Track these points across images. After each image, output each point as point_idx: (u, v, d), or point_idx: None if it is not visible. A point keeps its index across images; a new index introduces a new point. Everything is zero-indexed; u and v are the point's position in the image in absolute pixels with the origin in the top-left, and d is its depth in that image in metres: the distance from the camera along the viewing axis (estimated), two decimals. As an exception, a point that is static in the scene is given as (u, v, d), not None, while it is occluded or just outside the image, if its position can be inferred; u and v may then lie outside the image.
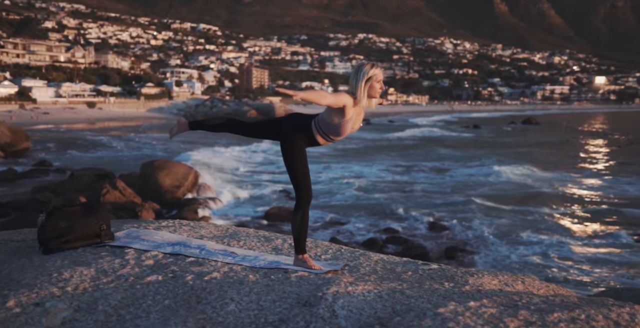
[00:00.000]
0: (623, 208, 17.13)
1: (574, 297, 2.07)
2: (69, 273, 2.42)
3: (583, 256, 12.47)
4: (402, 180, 22.76)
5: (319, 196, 19.01)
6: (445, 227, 14.79)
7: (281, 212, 16.16)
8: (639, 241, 13.50)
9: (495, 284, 2.43)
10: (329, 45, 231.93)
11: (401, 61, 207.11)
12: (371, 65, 2.68)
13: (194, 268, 2.58)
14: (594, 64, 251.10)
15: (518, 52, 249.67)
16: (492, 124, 74.72)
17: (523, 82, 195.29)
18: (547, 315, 1.76)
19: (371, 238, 13.73)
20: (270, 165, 27.34)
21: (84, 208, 2.94)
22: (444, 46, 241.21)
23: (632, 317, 1.79)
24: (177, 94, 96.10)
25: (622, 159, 31.75)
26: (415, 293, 2.13)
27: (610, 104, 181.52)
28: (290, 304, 2.12)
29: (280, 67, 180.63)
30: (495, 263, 11.93)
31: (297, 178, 2.74)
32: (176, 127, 3.01)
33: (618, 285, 10.66)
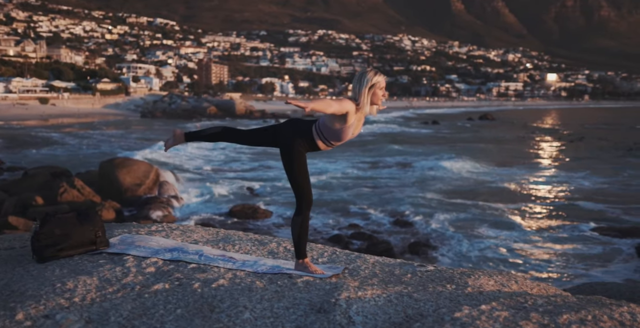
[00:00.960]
0: (579, 202, 17.74)
1: (572, 296, 2.17)
2: (72, 283, 2.38)
3: (540, 249, 12.86)
4: (365, 176, 22.97)
5: (280, 192, 19.03)
6: (408, 223, 15.01)
7: (245, 209, 16.10)
8: (600, 234, 14.03)
9: (492, 285, 2.51)
10: (288, 41, 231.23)
11: (361, 57, 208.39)
12: (374, 72, 2.70)
13: (198, 275, 2.56)
14: (545, 62, 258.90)
15: (474, 50, 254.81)
16: (450, 120, 76.13)
17: (479, 78, 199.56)
18: (557, 317, 1.83)
19: (336, 235, 13.84)
20: (233, 162, 27.14)
21: (78, 215, 2.88)
22: (403, 43, 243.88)
23: (633, 316, 1.90)
24: (135, 89, 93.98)
25: (575, 154, 32.90)
26: (422, 296, 2.17)
27: (562, 101, 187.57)
28: (304, 311, 2.13)
29: (239, 62, 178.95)
30: (458, 258, 12.20)
31: (299, 183, 2.73)
32: (172, 138, 2.96)
33: (575, 277, 11.09)
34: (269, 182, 20.79)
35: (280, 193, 19.01)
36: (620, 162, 28.34)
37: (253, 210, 16.15)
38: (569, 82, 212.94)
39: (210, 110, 72.67)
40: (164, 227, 3.54)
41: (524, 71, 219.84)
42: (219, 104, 76.48)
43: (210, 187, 19.87)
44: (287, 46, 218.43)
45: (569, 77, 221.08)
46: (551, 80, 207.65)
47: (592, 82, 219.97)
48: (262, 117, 72.83)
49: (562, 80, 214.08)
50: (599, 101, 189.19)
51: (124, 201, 16.46)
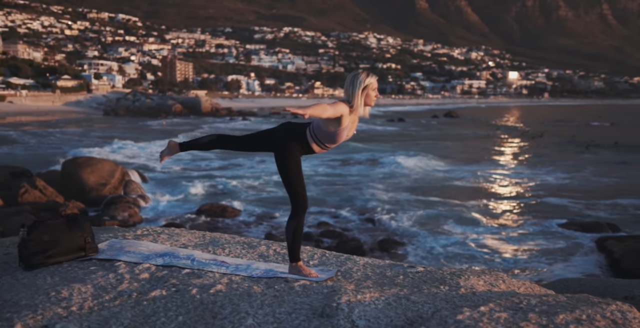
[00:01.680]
0: (543, 198, 18.17)
1: (562, 296, 2.24)
2: (67, 291, 2.33)
3: (505, 245, 13.10)
4: (334, 173, 23.06)
5: (249, 190, 18.94)
6: (376, 220, 15.13)
7: (214, 208, 15.96)
8: (562, 229, 14.42)
9: (482, 285, 2.55)
10: (254, 38, 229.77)
11: (327, 55, 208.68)
12: (366, 73, 2.71)
13: (194, 280, 2.54)
14: (507, 60, 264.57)
15: (438, 48, 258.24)
16: (415, 117, 77.01)
17: (443, 76, 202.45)
18: (554, 317, 1.89)
19: (306, 233, 13.85)
20: (202, 161, 26.81)
21: (67, 221, 2.82)
22: (368, 41, 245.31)
23: (623, 314, 1.98)
24: (97, 87, 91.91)
25: (537, 150, 33.72)
26: (419, 298, 2.21)
27: (523, 98, 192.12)
28: (307, 316, 2.13)
29: (204, 59, 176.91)
30: (426, 255, 12.35)
31: (294, 187, 2.74)
32: (167, 149, 2.97)
33: (539, 272, 11.39)
34: (238, 181, 20.65)
35: (249, 191, 18.93)
36: (581, 159, 29.19)
37: (222, 209, 16.02)
38: (529, 80, 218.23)
39: (175, 108, 71.63)
40: (149, 231, 3.50)
41: (486, 69, 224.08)
42: (185, 102, 75.45)
43: (177, 186, 19.62)
44: (253, 43, 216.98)
45: (530, 76, 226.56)
46: (513, 79, 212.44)
47: (552, 80, 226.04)
48: (229, 114, 72.22)
49: (523, 78, 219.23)
50: (558, 99, 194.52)
51: (89, 201, 16.10)
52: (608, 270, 11.45)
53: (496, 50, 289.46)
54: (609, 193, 19.02)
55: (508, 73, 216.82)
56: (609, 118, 78.03)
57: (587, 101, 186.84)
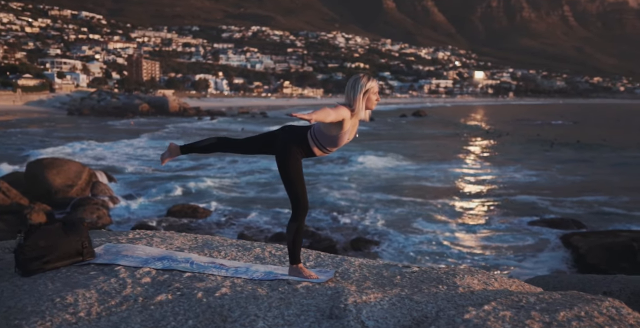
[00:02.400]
0: (511, 195, 18.55)
1: (556, 293, 2.29)
2: (71, 297, 2.31)
3: (475, 242, 13.35)
4: (304, 172, 23.05)
5: (220, 190, 18.79)
6: (347, 219, 15.22)
7: (185, 209, 15.79)
8: (530, 225, 14.74)
9: (477, 284, 2.60)
10: (222, 37, 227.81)
11: (295, 54, 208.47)
12: (367, 77, 2.74)
13: (197, 284, 2.53)
14: (473, 60, 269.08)
15: (406, 47, 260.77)
16: (384, 116, 77.59)
17: (411, 76, 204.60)
18: (555, 314, 1.94)
19: (279, 233, 13.84)
20: (172, 161, 26.41)
21: (64, 226, 2.79)
22: (337, 40, 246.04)
23: (617, 310, 2.04)
24: (60, 86, 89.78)
25: (504, 149, 34.38)
26: (421, 298, 2.23)
27: (489, 97, 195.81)
28: (315, 317, 2.14)
29: (171, 58, 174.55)
30: (398, 253, 12.48)
31: (295, 191, 2.75)
32: (167, 152, 2.96)
33: (509, 268, 11.62)
34: (209, 181, 20.49)
35: (220, 191, 18.79)
36: (546, 157, 29.90)
37: (193, 209, 15.86)
38: (494, 80, 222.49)
39: (142, 108, 70.49)
40: (141, 234, 3.47)
41: (453, 69, 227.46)
42: (152, 101, 74.32)
43: (147, 187, 19.34)
44: (221, 42, 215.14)
45: (495, 75, 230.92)
46: (479, 78, 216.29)
47: (516, 80, 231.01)
48: (197, 114, 71.47)
49: (489, 78, 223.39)
50: (522, 98, 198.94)
51: (55, 203, 15.76)
52: (574, 266, 11.77)
53: (462, 50, 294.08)
54: (575, 191, 19.54)
55: (474, 73, 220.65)
56: (571, 117, 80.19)
57: (550, 100, 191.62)
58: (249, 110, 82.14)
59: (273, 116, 71.99)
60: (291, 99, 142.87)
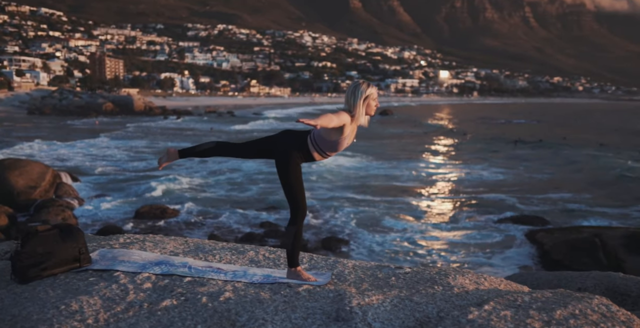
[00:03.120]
0: (479, 193, 18.85)
1: (547, 292, 2.34)
2: (75, 303, 2.30)
3: (444, 240, 13.54)
4: (274, 171, 22.95)
5: (187, 190, 18.56)
6: (317, 218, 15.24)
7: (153, 210, 15.55)
8: (497, 223, 15.02)
9: (469, 283, 2.66)
10: (187, 36, 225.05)
11: (262, 53, 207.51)
12: (367, 84, 2.79)
13: (199, 288, 2.54)
14: (438, 60, 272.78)
15: (372, 47, 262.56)
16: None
17: (378, 75, 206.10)
18: (552, 313, 2.00)
19: (249, 233, 13.76)
20: (137, 162, 25.96)
21: (60, 232, 2.75)
22: (303, 39, 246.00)
23: (607, 307, 2.12)
24: (19, 84, 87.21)
25: (470, 147, 34.95)
26: (420, 299, 2.26)
27: (454, 97, 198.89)
28: (322, 320, 2.17)
29: (136, 57, 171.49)
30: (369, 252, 12.56)
31: (294, 195, 2.78)
32: (165, 156, 2.95)
33: (478, 265, 11.81)
34: (177, 181, 20.21)
35: (188, 191, 18.57)
36: (512, 155, 30.53)
37: (161, 210, 15.63)
38: (459, 79, 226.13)
39: (106, 107, 69.02)
40: (132, 239, 3.44)
41: (419, 68, 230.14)
42: (116, 100, 72.82)
43: (114, 187, 18.96)
44: (186, 40, 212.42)
45: (460, 75, 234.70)
46: (444, 77, 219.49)
47: (480, 80, 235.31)
48: (163, 113, 70.40)
49: (454, 77, 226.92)
50: (486, 97, 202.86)
51: (17, 205, 15.33)
52: (539, 262, 12.05)
53: (428, 50, 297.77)
54: (540, 188, 20.01)
55: (439, 72, 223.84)
56: (533, 116, 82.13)
57: (513, 99, 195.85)
58: (216, 109, 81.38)
59: (241, 115, 71.51)
60: (258, 98, 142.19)
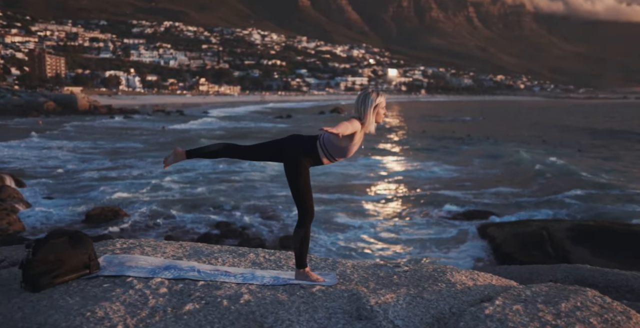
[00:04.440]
0: (433, 190, 19.23)
1: (543, 286, 2.43)
2: (100, 310, 2.30)
3: (400, 237, 13.73)
4: (228, 171, 22.72)
5: (141, 191, 18.09)
6: (272, 217, 15.19)
7: (105, 212, 15.07)
8: (451, 218, 15.36)
9: (467, 280, 2.77)
10: (132, 33, 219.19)
11: (210, 51, 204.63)
12: (377, 93, 2.92)
13: (216, 292, 2.57)
14: (386, 58, 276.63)
15: (321, 45, 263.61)
16: (303, 113, 78.12)
17: (327, 73, 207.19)
18: (558, 306, 2.09)
19: (206, 234, 13.57)
20: (88, 162, 25.08)
21: (70, 239, 2.74)
22: (252, 37, 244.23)
23: (602, 299, 2.22)
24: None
25: (422, 145, 35.62)
26: (430, 296, 2.30)
27: (402, 94, 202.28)
28: (346, 319, 2.23)
29: (78, 54, 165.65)
30: (327, 251, 12.60)
31: (303, 198, 2.84)
32: (172, 156, 2.95)
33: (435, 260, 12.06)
34: (129, 182, 19.69)
35: (141, 192, 18.10)
36: (462, 152, 31.33)
37: (113, 212, 15.18)
38: (407, 77, 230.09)
39: (47, 106, 66.34)
40: (128, 244, 3.42)
41: (367, 66, 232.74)
42: (58, 99, 70.13)
43: (62, 189, 18.28)
44: (131, 37, 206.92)
45: (407, 73, 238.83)
46: (392, 76, 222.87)
47: (427, 78, 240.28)
48: (109, 112, 68.33)
49: (402, 75, 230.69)
50: (433, 95, 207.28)
51: (-44, 209, 14.46)
52: (492, 255, 12.41)
53: (376, 48, 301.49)
54: (490, 183, 20.63)
55: (388, 70, 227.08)
56: (479, 113, 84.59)
57: (459, 97, 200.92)
58: (165, 108, 79.64)
59: (190, 114, 70.26)
60: (208, 96, 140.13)
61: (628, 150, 33.10)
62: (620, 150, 33.39)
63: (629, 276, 4.37)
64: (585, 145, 35.59)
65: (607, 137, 41.98)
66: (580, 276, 4.55)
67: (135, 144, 32.99)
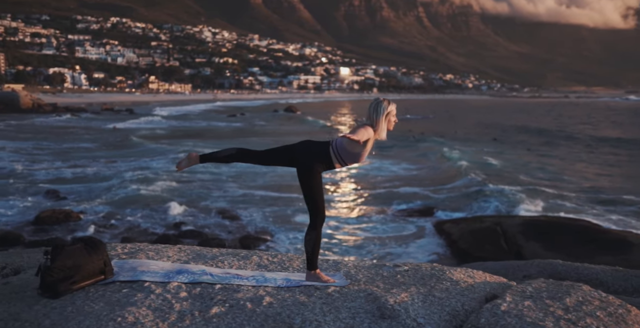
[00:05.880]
0: (392, 188, 19.49)
1: (540, 282, 2.53)
2: (130, 315, 2.33)
3: (359, 235, 13.88)
4: (186, 170, 22.29)
5: (92, 193, 17.56)
6: (231, 217, 15.06)
7: (56, 214, 14.56)
8: (408, 215, 15.61)
9: (465, 277, 2.91)
10: (77, 28, 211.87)
11: (160, 48, 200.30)
12: (388, 102, 3.03)
13: (236, 295, 2.62)
14: (338, 57, 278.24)
15: (274, 43, 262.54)
16: (256, 112, 77.61)
17: (280, 71, 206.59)
18: (563, 301, 2.22)
19: (164, 235, 13.31)
20: (35, 163, 24.06)
21: (86, 245, 2.79)
22: (203, 34, 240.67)
23: (598, 293, 2.36)
24: None
25: (379, 143, 35.93)
26: (440, 294, 2.37)
27: (355, 93, 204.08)
28: (370, 319, 2.29)
29: (18, 50, 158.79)
30: (286, 250, 12.60)
31: (316, 202, 2.93)
32: (186, 160, 2.99)
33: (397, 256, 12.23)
34: (78, 184, 19.04)
35: (91, 191, 17.59)
36: (418, 149, 31.87)
37: (65, 214, 14.67)
38: (359, 76, 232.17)
39: (-12, 105, 63.21)
40: (128, 249, 3.43)
41: (320, 65, 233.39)
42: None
43: (9, 191, 17.48)
44: (76, 33, 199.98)
45: (359, 72, 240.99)
46: (345, 74, 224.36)
47: (379, 76, 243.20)
48: (54, 111, 65.78)
49: (354, 74, 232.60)
50: (385, 94, 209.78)
51: None
52: (448, 251, 12.70)
53: (328, 47, 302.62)
54: (446, 180, 21.08)
55: (340, 69, 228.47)
56: (430, 112, 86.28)
57: (411, 96, 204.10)
58: (113, 107, 77.38)
59: (140, 112, 68.51)
60: (158, 94, 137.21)
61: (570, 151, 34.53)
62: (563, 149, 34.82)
63: (598, 270, 4.58)
64: (534, 144, 36.89)
65: (553, 137, 43.65)
66: (553, 271, 4.72)
67: (86, 144, 31.96)
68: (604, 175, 24.33)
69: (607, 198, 18.18)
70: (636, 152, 33.61)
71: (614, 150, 34.33)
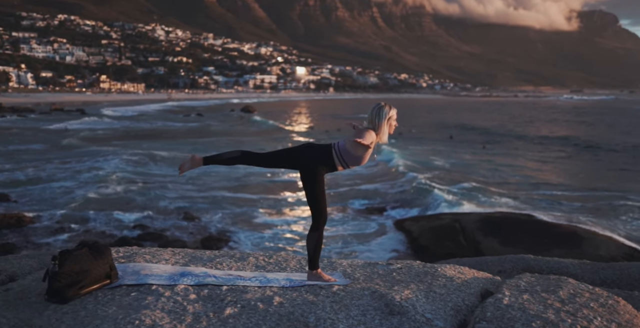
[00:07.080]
0: (353, 186, 19.64)
1: (529, 276, 2.62)
2: (147, 318, 2.34)
3: (326, 234, 13.92)
4: (138, 172, 21.91)
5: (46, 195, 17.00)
6: (191, 218, 14.90)
7: (7, 219, 14.07)
8: (368, 213, 15.77)
9: (458, 274, 3.05)
10: (22, 25, 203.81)
11: (111, 47, 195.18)
12: (389, 106, 3.11)
13: (245, 295, 2.65)
14: (294, 56, 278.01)
15: (228, 42, 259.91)
16: (213, 112, 76.71)
17: (235, 71, 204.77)
18: (557, 294, 2.33)
19: (122, 237, 13.03)
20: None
21: (91, 250, 2.81)
22: (156, 33, 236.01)
23: (585, 286, 2.48)
24: None
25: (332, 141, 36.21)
26: (440, 290, 2.46)
27: (311, 92, 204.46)
28: (380, 315, 2.34)
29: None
30: (251, 250, 12.55)
31: (318, 204, 2.99)
32: (189, 162, 3.01)
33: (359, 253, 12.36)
34: (27, 186, 18.39)
35: (44, 194, 17.04)
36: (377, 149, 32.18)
37: (17, 218, 14.17)
38: (315, 76, 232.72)
39: None
40: (123, 252, 3.44)
41: (276, 64, 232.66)
42: (-61, 97, 63.67)
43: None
44: (20, 31, 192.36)
45: (315, 71, 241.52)
46: (301, 74, 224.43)
47: (335, 76, 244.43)
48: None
49: (310, 73, 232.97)
50: (341, 93, 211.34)
51: None
52: (409, 248, 12.92)
53: (284, 46, 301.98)
54: (406, 178, 21.39)
55: (296, 68, 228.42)
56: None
57: (366, 95, 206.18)
58: (63, 107, 74.89)
59: (92, 112, 66.56)
60: (110, 94, 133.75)
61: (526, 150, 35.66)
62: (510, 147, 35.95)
63: (567, 264, 4.75)
64: (482, 142, 37.90)
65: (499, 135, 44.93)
66: (526, 265, 4.83)
67: (35, 146, 30.84)
68: (547, 171, 25.30)
69: (553, 194, 18.88)
70: (579, 149, 35.08)
71: (560, 148, 35.71)
